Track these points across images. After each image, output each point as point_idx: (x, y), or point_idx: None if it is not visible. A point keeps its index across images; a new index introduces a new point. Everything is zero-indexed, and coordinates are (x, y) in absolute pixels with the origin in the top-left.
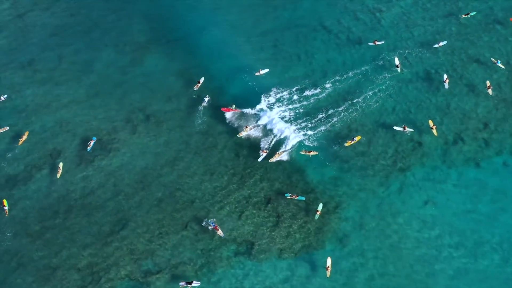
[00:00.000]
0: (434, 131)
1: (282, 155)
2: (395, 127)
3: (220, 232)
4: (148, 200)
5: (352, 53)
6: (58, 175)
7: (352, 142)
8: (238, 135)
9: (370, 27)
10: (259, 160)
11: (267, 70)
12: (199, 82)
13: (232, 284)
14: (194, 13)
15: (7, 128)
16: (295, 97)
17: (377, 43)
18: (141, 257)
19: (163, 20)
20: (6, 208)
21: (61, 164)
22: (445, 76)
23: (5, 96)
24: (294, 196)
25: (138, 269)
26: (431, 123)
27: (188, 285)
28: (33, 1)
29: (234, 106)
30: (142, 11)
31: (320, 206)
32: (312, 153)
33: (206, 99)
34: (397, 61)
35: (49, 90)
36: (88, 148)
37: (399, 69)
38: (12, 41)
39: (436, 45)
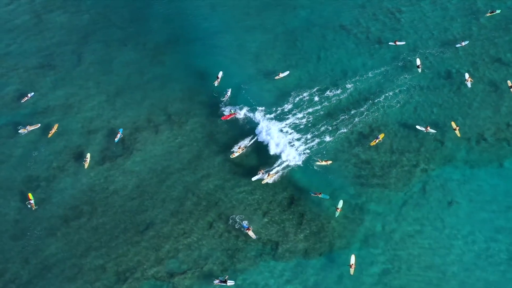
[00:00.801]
0: (457, 132)
1: (277, 175)
2: (417, 126)
3: (252, 234)
4: (172, 200)
5: (372, 53)
6: (86, 166)
7: (377, 141)
8: (231, 156)
9: (390, 27)
10: (254, 179)
11: (287, 72)
12: (218, 77)
13: (258, 284)
14: (212, 13)
15: (39, 125)
16: (316, 98)
17: (398, 43)
18: (166, 257)
19: (181, 20)
20: (32, 201)
21: (88, 155)
22: (467, 76)
23: (32, 94)
24: (318, 194)
25: (164, 269)
26: (453, 124)
27: (223, 284)
28: (50, 1)
29: (232, 111)
30: (160, 11)
31: (340, 204)
32: (328, 162)
33: (228, 93)
34: (418, 62)
35: (70, 90)
36: (115, 139)
37: (420, 70)
38: (31, 41)
39: (459, 45)
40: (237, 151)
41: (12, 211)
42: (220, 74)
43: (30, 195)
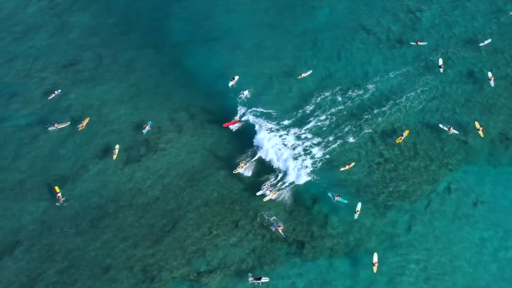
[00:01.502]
0: (481, 132)
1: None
2: (440, 125)
3: (282, 232)
4: (197, 199)
5: (393, 53)
6: (114, 157)
7: (402, 138)
8: (234, 172)
9: (411, 27)
10: (258, 194)
11: (310, 72)
12: (234, 79)
13: (284, 283)
14: (232, 13)
15: (68, 122)
16: (338, 98)
17: (420, 43)
18: (193, 257)
19: (201, 20)
20: (60, 194)
21: (117, 146)
22: (490, 74)
23: (59, 91)
24: (336, 197)
25: (191, 268)
26: (477, 124)
27: (257, 281)
28: (70, 2)
29: (236, 117)
30: (179, 11)
31: (359, 206)
32: (351, 165)
33: (244, 94)
34: (440, 62)
35: (92, 90)
36: (143, 131)
37: (441, 70)
38: (51, 41)
39: (481, 44)
40: (240, 165)
41: (39, 210)
42: (237, 77)
43: (56, 188)
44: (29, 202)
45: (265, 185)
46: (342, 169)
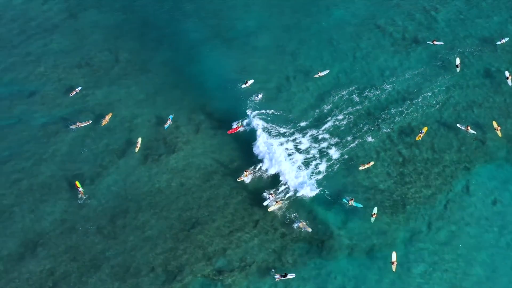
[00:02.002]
0: (499, 132)
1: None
2: (458, 124)
3: (305, 228)
4: (216, 198)
5: (409, 53)
6: (137, 150)
7: (422, 135)
8: (238, 180)
9: (426, 26)
10: (265, 203)
11: (327, 71)
12: (247, 82)
13: (305, 283)
14: (247, 13)
15: (90, 121)
16: (355, 98)
17: (436, 43)
18: (213, 256)
19: (216, 20)
20: (81, 189)
21: (139, 139)
22: (507, 74)
23: (80, 87)
24: (350, 201)
25: (212, 267)
26: (495, 124)
27: (283, 278)
28: (84, 0)
29: (239, 123)
30: (195, 10)
31: (375, 210)
32: (370, 164)
33: (260, 95)
34: (458, 61)
35: (109, 90)
36: (165, 126)
37: (458, 69)
38: (67, 41)
39: (498, 43)
40: (245, 174)
41: (59, 209)
42: (251, 81)
43: (77, 183)
44: (50, 201)
45: (271, 193)
46: (361, 168)
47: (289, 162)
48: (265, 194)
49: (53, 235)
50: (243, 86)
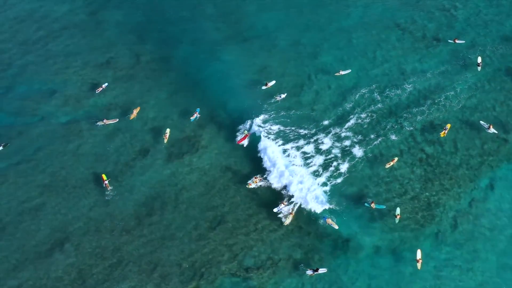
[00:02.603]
0: None
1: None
2: (481, 122)
3: (332, 224)
4: (241, 196)
5: (430, 52)
6: (165, 140)
7: (446, 132)
8: (247, 186)
9: (446, 25)
10: (275, 210)
11: (348, 71)
12: (267, 84)
13: (332, 280)
14: (267, 12)
15: (117, 119)
16: (377, 97)
17: (457, 41)
18: (240, 253)
19: (236, 19)
20: (107, 181)
21: (168, 130)
22: None
23: (106, 84)
24: (371, 204)
25: (238, 264)
26: None
27: (315, 273)
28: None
29: (246, 131)
30: (215, 9)
31: (398, 210)
32: (394, 161)
33: (283, 95)
34: (479, 60)
35: (130, 88)
36: (191, 118)
37: (479, 68)
38: (88, 40)
39: None
40: (254, 180)
41: (85, 207)
42: (272, 82)
43: (104, 176)
44: (76, 199)
45: (282, 202)
46: (387, 166)
47: (296, 174)
48: (280, 205)
49: (80, 232)
50: (264, 87)
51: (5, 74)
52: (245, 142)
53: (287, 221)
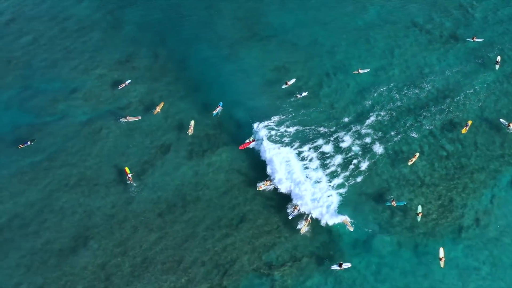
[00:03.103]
0: None
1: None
2: (501, 119)
3: (348, 225)
4: (261, 195)
5: (447, 50)
6: (190, 132)
7: (467, 128)
8: (257, 189)
9: (463, 23)
10: (290, 217)
11: (367, 70)
12: (287, 83)
13: (354, 277)
14: (283, 11)
15: (140, 117)
16: (395, 95)
17: (476, 39)
18: (263, 250)
19: (254, 17)
20: (130, 175)
21: (192, 122)
22: None
23: (129, 81)
24: (392, 202)
25: (261, 261)
26: None
27: (339, 268)
28: None
29: (251, 138)
30: (232, 8)
31: (420, 208)
32: (416, 157)
33: (304, 93)
34: (498, 58)
35: (150, 86)
36: (214, 112)
37: (498, 66)
38: (106, 37)
39: None
40: (265, 183)
41: (108, 204)
42: (292, 81)
43: (127, 169)
44: (98, 196)
45: (295, 207)
46: (410, 162)
47: (310, 179)
48: (288, 206)
49: (103, 229)
50: (284, 86)
51: (25, 72)
52: (253, 145)
53: (303, 229)
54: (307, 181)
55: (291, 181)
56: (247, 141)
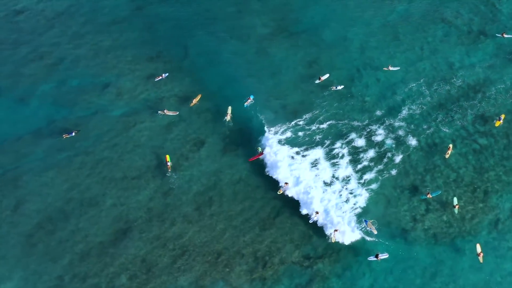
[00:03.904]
0: None
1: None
2: None
3: (371, 228)
4: None
5: (477, 45)
6: (228, 118)
7: (501, 121)
8: (278, 193)
9: (491, 19)
10: (310, 221)
11: (398, 68)
12: (320, 78)
13: (390, 268)
14: (311, 7)
15: (177, 112)
16: (425, 91)
17: (506, 36)
18: (300, 242)
19: (282, 14)
20: (169, 163)
21: (229, 108)
22: None
23: (167, 74)
24: (427, 194)
25: (300, 253)
26: None
27: (375, 259)
28: None
29: (260, 150)
30: (260, 4)
31: (455, 200)
32: (450, 148)
33: (340, 87)
34: None
35: (181, 81)
36: (245, 104)
37: None
38: (136, 33)
39: None
40: (284, 185)
41: (145, 198)
42: (326, 76)
43: (167, 157)
44: (135, 190)
45: (316, 212)
46: (447, 155)
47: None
48: (313, 215)
49: (142, 222)
50: (317, 81)
51: (57, 67)
52: (263, 157)
53: (333, 239)
54: (330, 188)
55: (305, 188)
56: (257, 153)
